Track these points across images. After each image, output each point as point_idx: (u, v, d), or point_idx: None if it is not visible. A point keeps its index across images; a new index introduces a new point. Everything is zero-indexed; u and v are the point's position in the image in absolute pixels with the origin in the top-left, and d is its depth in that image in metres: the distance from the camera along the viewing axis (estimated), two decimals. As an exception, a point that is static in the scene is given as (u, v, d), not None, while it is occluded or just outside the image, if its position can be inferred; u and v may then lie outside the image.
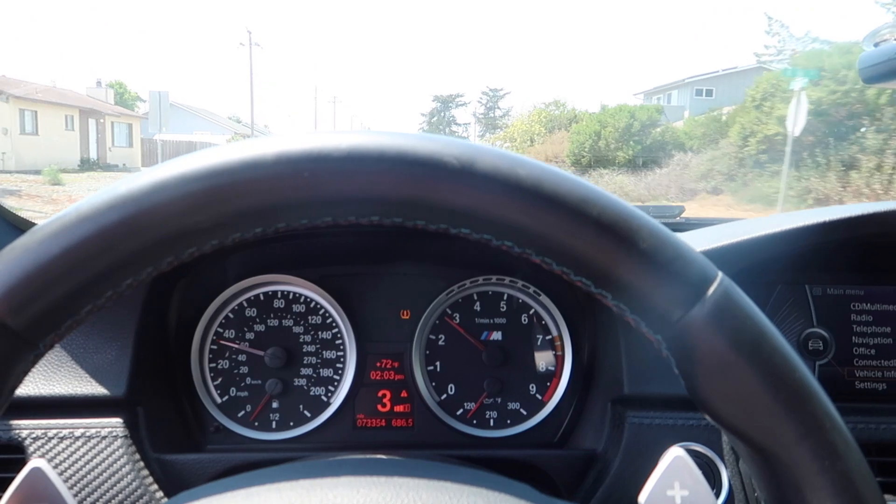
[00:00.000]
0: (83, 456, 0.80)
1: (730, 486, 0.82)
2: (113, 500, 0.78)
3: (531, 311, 1.02)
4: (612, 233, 0.38)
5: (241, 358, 0.98)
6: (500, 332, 1.01)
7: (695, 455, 0.82)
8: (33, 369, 0.69)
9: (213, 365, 0.98)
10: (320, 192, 0.38)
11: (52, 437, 0.81)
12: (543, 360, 1.01)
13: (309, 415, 0.98)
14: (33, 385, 0.84)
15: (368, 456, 0.55)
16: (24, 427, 0.81)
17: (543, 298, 1.00)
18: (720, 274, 0.39)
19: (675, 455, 0.51)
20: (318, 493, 0.39)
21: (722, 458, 0.83)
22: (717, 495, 0.82)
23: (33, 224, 1.15)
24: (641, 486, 0.75)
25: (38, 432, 0.81)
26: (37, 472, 0.49)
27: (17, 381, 0.40)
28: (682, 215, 1.65)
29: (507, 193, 0.38)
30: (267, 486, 0.40)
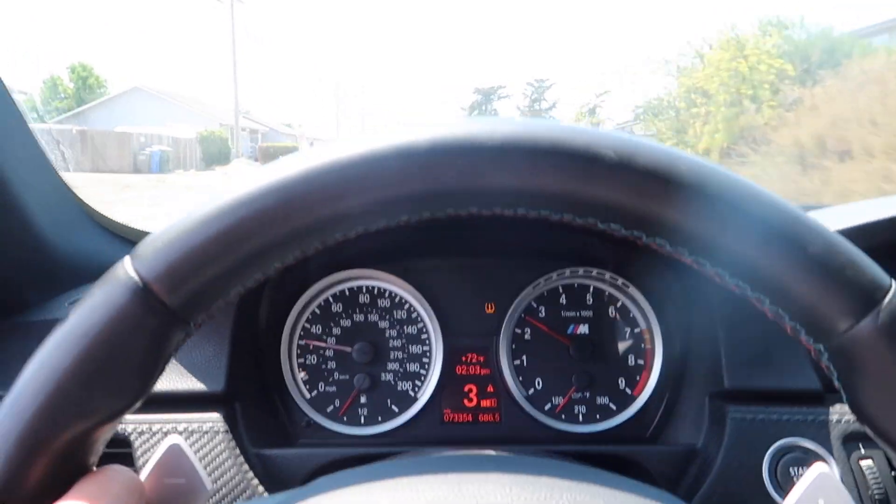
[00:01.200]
0: (186, 450, 0.82)
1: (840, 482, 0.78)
2: (217, 493, 0.80)
3: (619, 304, 1.00)
4: (781, 235, 0.37)
5: (329, 353, 0.99)
6: (586, 326, 0.99)
7: (803, 451, 0.79)
8: None
9: (302, 361, 0.99)
10: (471, 182, 0.37)
11: (157, 432, 0.83)
12: (632, 353, 0.99)
13: (397, 410, 0.98)
14: None
15: (509, 454, 0.54)
16: (129, 422, 0.84)
17: (632, 290, 0.98)
18: (894, 282, 0.37)
19: (818, 472, 0.49)
20: (468, 488, 0.39)
21: (832, 454, 0.79)
22: None
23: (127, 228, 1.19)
24: (748, 479, 0.73)
25: (143, 427, 0.83)
26: (175, 448, 0.50)
27: (169, 357, 0.41)
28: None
29: (666, 192, 0.37)
30: (415, 478, 0.40)
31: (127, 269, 0.38)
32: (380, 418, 0.98)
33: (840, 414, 0.81)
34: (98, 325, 0.37)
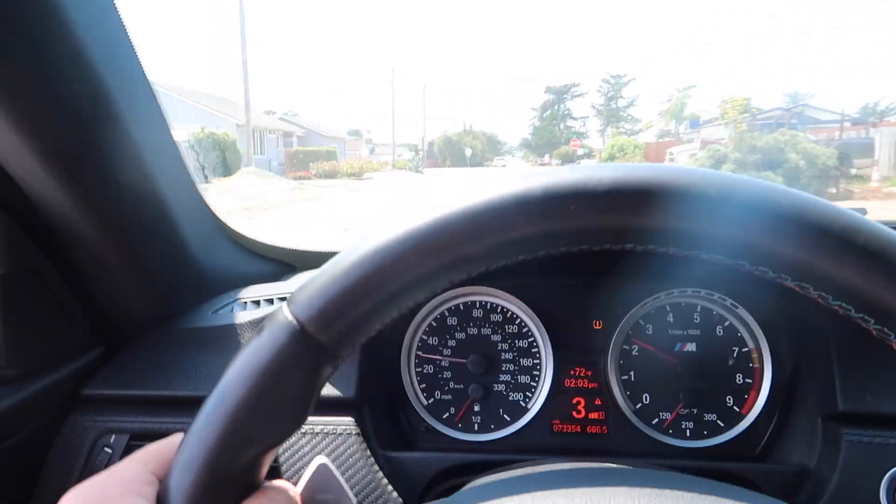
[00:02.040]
0: (323, 451, 0.90)
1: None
2: (351, 490, 0.88)
3: (726, 323, 1.02)
4: (881, 259, 0.40)
5: (445, 364, 1.06)
6: (693, 344, 1.02)
7: None
8: None
9: (420, 370, 1.06)
10: (583, 223, 0.43)
11: (296, 433, 0.91)
12: (740, 371, 1.01)
13: (508, 419, 1.04)
14: None
15: (635, 468, 0.59)
16: None
17: (741, 311, 1.00)
18: None
19: None
20: (601, 499, 0.44)
21: (954, 482, 0.79)
22: None
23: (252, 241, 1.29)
24: (870, 497, 0.74)
25: None
26: (324, 467, 0.57)
27: (322, 387, 0.48)
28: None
29: (766, 222, 0.41)
30: (556, 491, 0.45)
31: (286, 314, 0.44)
32: (492, 426, 1.04)
33: None
34: (265, 363, 0.44)
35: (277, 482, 0.50)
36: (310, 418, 0.91)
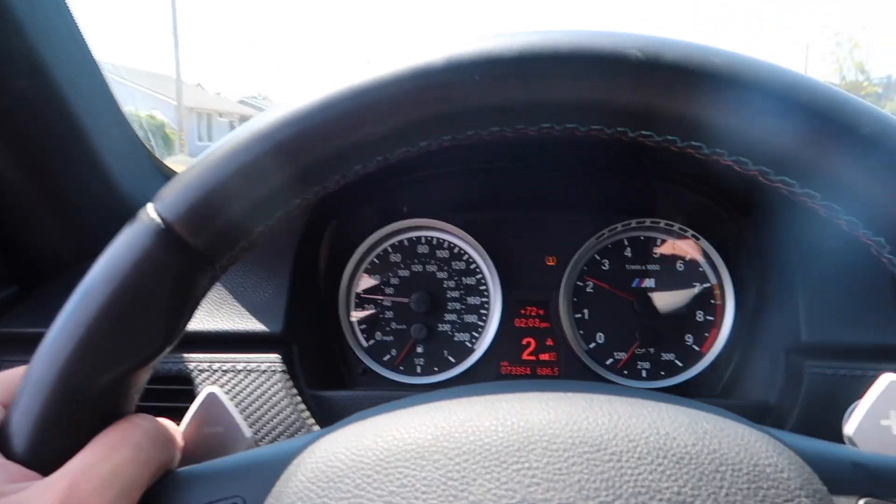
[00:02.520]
0: (246, 388, 0.83)
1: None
2: (274, 431, 0.81)
3: (687, 257, 0.95)
4: (828, 118, 0.32)
5: (387, 303, 0.99)
6: (652, 280, 0.95)
7: None
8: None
9: (360, 309, 0.99)
10: (491, 97, 0.35)
11: (217, 370, 0.85)
12: (701, 308, 0.94)
13: (453, 360, 0.97)
14: (197, 321, 0.88)
15: (551, 379, 0.52)
16: (191, 360, 0.86)
17: (702, 242, 0.93)
18: None
19: (889, 380, 0.45)
20: (506, 406, 0.37)
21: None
22: None
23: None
24: (826, 437, 0.68)
25: (204, 365, 0.85)
26: (212, 397, 0.50)
27: (199, 300, 0.40)
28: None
29: (699, 87, 0.33)
30: (453, 401, 0.38)
31: (150, 213, 0.37)
32: (436, 368, 0.97)
33: None
34: (123, 269, 0.36)
35: (145, 415, 0.43)
36: (231, 355, 0.85)
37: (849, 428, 0.46)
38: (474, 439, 0.34)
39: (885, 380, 0.46)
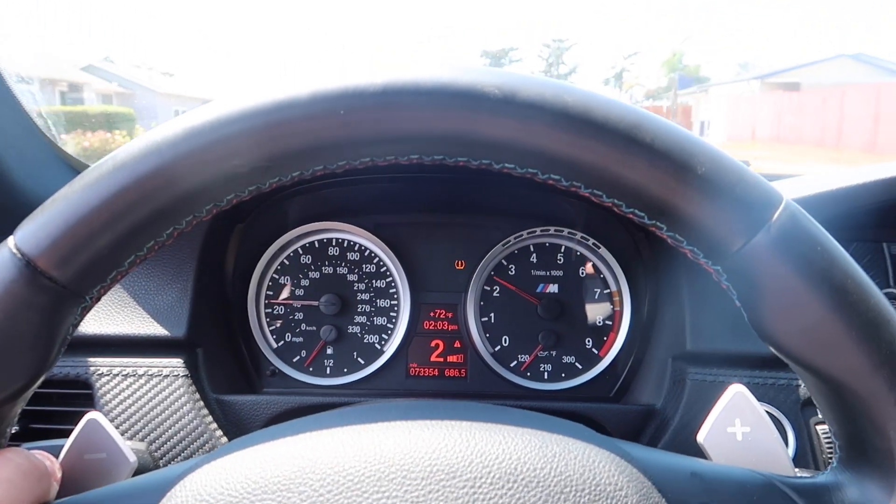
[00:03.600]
0: (146, 393, 0.82)
1: (796, 448, 0.79)
2: (174, 437, 0.81)
3: (589, 264, 0.99)
4: (668, 159, 0.36)
5: (297, 304, 0.99)
6: (556, 285, 0.99)
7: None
8: (97, 308, 0.71)
9: (269, 311, 0.99)
10: (357, 131, 0.36)
11: (117, 374, 0.83)
12: (600, 314, 0.98)
13: (362, 362, 0.98)
14: (97, 324, 0.86)
15: (420, 400, 0.54)
16: (90, 364, 0.84)
17: (603, 251, 0.97)
18: (785, 198, 0.36)
19: (735, 391, 0.49)
20: (369, 436, 0.38)
21: (789, 419, 0.79)
22: None
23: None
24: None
25: (104, 369, 0.83)
26: (93, 423, 0.50)
27: (69, 334, 0.39)
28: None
29: (552, 123, 0.36)
30: (321, 431, 0.40)
31: (10, 247, 0.36)
32: (345, 370, 0.98)
33: (799, 379, 0.81)
34: None
35: (17, 448, 0.42)
36: (132, 359, 0.84)
37: (700, 435, 0.50)
38: (338, 470, 0.35)
39: (732, 390, 0.50)
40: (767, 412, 0.79)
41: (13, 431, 0.42)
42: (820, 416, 0.79)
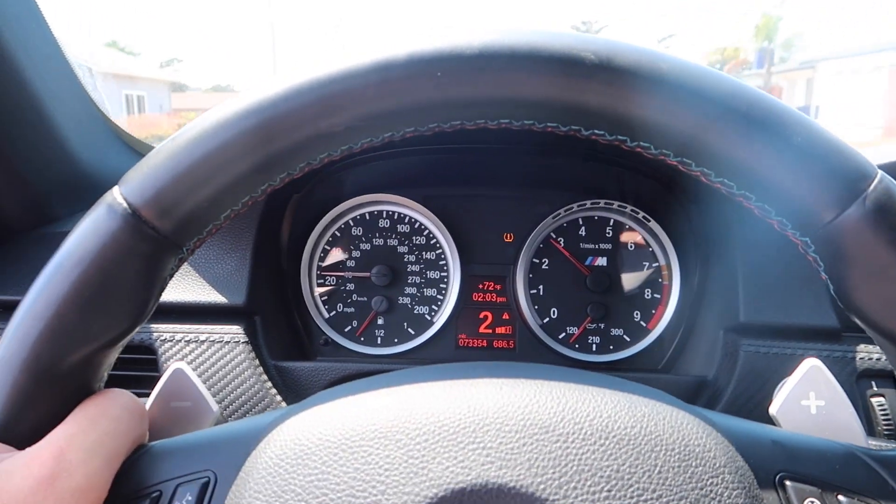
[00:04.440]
0: (209, 358, 0.85)
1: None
2: (237, 401, 0.83)
3: (638, 238, 0.99)
4: (763, 128, 0.36)
5: (348, 275, 1.01)
6: (604, 258, 0.99)
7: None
8: None
9: (322, 281, 1.01)
10: (451, 92, 0.37)
11: (180, 340, 0.86)
12: (649, 287, 0.99)
13: (413, 332, 1.00)
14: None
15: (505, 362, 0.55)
16: (154, 330, 0.87)
17: (653, 224, 0.97)
18: (879, 171, 0.36)
19: (811, 365, 0.50)
20: (462, 390, 0.39)
21: (845, 391, 0.79)
22: None
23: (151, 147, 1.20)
24: (757, 411, 0.73)
25: (167, 335, 0.86)
26: (179, 372, 0.51)
27: (166, 282, 0.42)
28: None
29: (647, 90, 0.36)
30: (413, 385, 0.41)
31: (116, 197, 0.38)
32: (396, 340, 1.00)
33: (855, 352, 0.81)
34: (90, 253, 0.37)
35: (119, 389, 0.44)
36: (194, 326, 0.86)
37: (773, 408, 0.50)
38: (433, 420, 0.37)
39: (807, 364, 0.50)
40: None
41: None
42: (876, 388, 0.80)
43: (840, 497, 0.36)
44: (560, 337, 0.99)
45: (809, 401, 0.50)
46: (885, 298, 0.37)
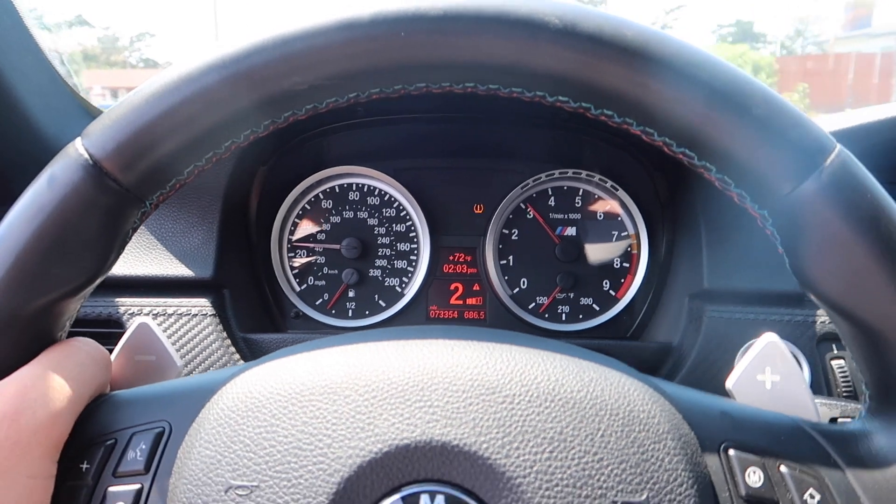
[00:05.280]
0: (176, 332, 0.85)
1: (811, 382, 0.80)
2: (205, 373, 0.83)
3: (607, 207, 1.00)
4: (725, 98, 0.36)
5: (319, 248, 1.01)
6: (574, 228, 1.00)
7: None
8: (127, 250, 0.73)
9: (292, 254, 1.01)
10: (416, 54, 0.37)
11: (147, 314, 0.86)
12: (618, 256, 0.99)
13: (384, 304, 1.00)
14: (127, 265, 0.88)
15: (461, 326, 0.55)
16: (121, 304, 0.87)
17: (621, 193, 0.98)
18: (838, 145, 0.37)
19: (767, 341, 0.50)
20: (413, 350, 0.40)
21: (805, 355, 0.81)
22: None
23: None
24: (719, 376, 0.74)
25: (134, 308, 0.86)
26: (144, 326, 0.52)
27: (129, 236, 0.42)
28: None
29: (611, 57, 0.36)
30: (366, 343, 0.41)
31: (77, 148, 0.38)
32: (367, 312, 1.00)
33: (816, 316, 0.82)
34: (51, 203, 0.38)
35: (83, 338, 0.45)
36: (161, 299, 0.86)
37: (729, 382, 0.51)
38: (382, 378, 0.37)
39: (764, 339, 0.51)
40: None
41: None
42: (836, 351, 0.81)
43: (782, 467, 0.37)
44: (530, 307, 1.00)
45: (765, 376, 0.50)
46: (837, 271, 0.37)
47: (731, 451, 0.37)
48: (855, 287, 0.37)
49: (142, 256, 0.89)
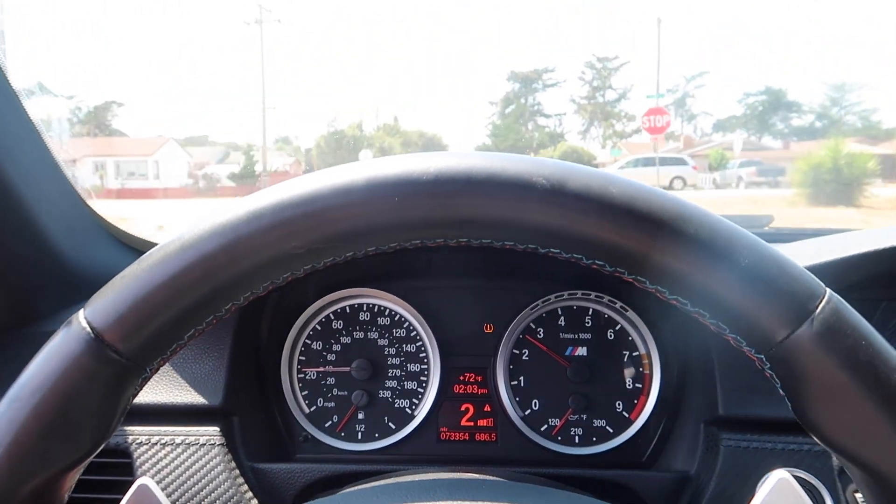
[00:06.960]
0: (183, 462, 0.84)
1: (835, 517, 0.77)
2: None
3: (617, 327, 0.99)
4: (711, 250, 0.37)
5: (329, 370, 1.01)
6: (585, 348, 0.99)
7: (797, 482, 0.78)
8: None
9: (302, 376, 1.01)
10: (410, 215, 0.38)
11: (155, 444, 0.85)
12: (630, 377, 0.98)
13: (394, 427, 0.99)
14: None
15: (464, 476, 0.55)
16: (129, 433, 0.86)
17: (630, 314, 0.98)
18: (827, 290, 0.38)
19: (779, 478, 0.49)
20: None
21: (826, 486, 0.78)
22: None
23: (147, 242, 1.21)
24: None
25: (143, 438, 0.85)
26: (144, 489, 0.51)
27: (129, 403, 0.42)
28: (771, 225, 1.59)
29: (599, 213, 0.38)
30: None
31: (80, 320, 0.39)
32: (377, 435, 0.99)
33: None
34: (52, 377, 0.38)
35: None
36: (169, 427, 0.86)
37: None
38: None
39: (775, 476, 0.50)
40: (803, 479, 0.78)
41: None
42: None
43: None
44: (542, 429, 0.98)
45: (780, 514, 0.49)
46: (840, 418, 0.37)
47: None
48: (859, 434, 0.37)
49: (152, 384, 0.89)
